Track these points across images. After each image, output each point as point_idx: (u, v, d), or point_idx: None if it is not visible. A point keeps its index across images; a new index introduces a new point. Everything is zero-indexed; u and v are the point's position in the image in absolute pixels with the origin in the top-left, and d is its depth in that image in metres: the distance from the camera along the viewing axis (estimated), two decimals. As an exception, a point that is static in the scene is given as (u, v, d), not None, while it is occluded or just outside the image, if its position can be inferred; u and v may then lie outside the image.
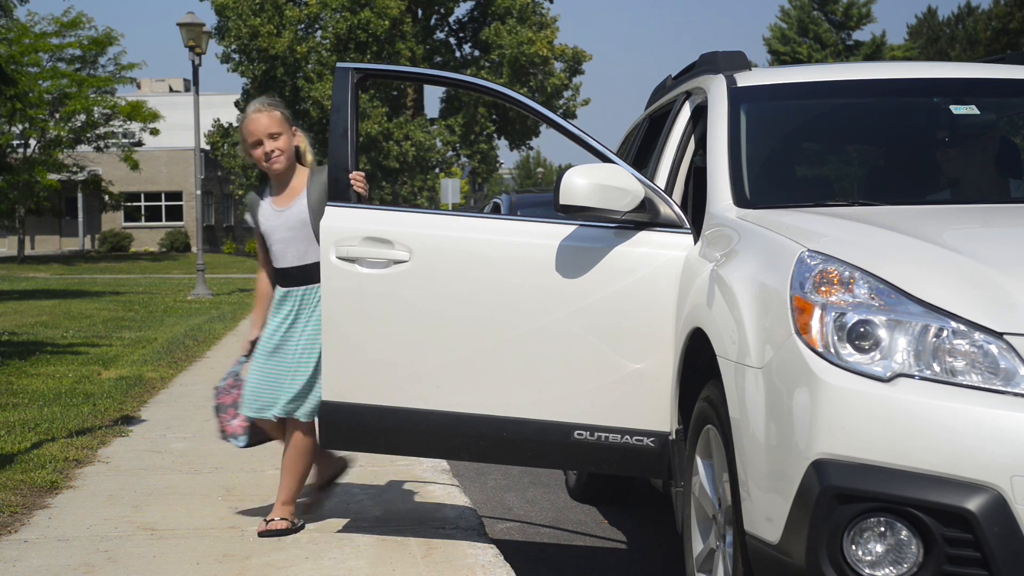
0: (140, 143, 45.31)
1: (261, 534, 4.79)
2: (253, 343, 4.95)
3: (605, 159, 4.45)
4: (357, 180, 4.60)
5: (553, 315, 4.35)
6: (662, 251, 4.32)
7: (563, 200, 4.21)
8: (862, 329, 3.12)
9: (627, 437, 4.31)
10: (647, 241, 4.34)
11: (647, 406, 4.29)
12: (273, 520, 4.83)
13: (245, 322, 16.97)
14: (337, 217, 4.53)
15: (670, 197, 4.53)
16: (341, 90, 4.61)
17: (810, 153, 5.28)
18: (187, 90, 58.95)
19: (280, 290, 4.88)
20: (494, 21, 43.82)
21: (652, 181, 4.55)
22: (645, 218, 4.33)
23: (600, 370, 4.32)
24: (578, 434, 4.32)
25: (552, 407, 4.35)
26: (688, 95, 5.08)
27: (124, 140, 44.80)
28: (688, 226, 4.36)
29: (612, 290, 4.32)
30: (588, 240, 4.38)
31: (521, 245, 4.42)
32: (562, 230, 4.40)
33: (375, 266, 4.46)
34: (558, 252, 4.36)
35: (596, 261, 4.34)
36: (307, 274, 4.79)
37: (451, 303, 4.43)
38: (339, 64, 4.67)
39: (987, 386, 3.00)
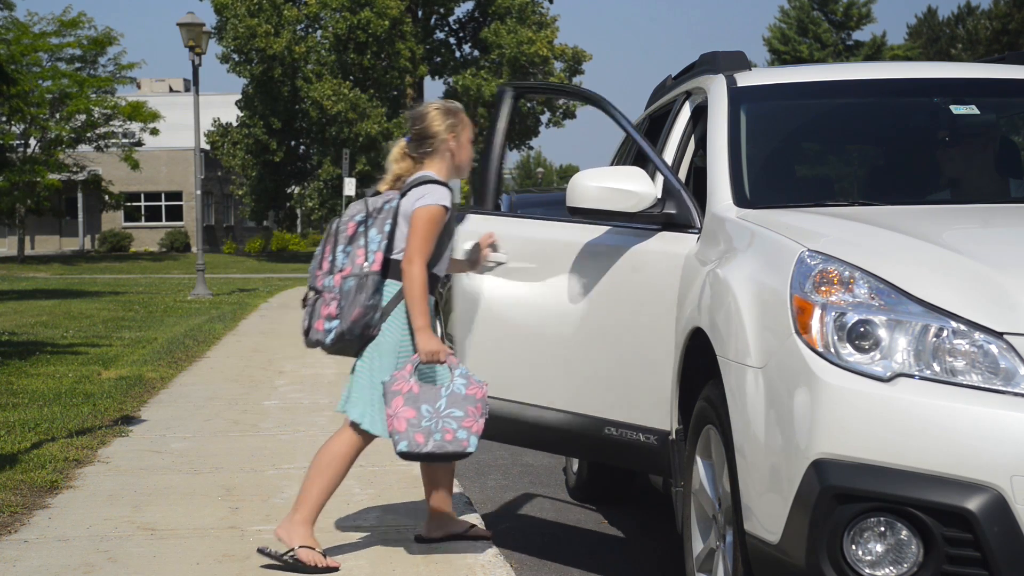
0: (140, 143, 45.32)
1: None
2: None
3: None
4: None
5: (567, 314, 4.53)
6: (672, 248, 4.33)
7: (574, 203, 4.29)
8: (862, 329, 3.13)
9: (634, 433, 4.35)
10: (659, 240, 4.37)
11: (649, 403, 4.31)
12: None
13: (245, 322, 16.91)
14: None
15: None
16: (500, 108, 4.97)
17: (810, 153, 5.28)
18: (187, 90, 58.92)
19: (430, 299, 4.45)
20: (494, 21, 43.82)
21: (652, 181, 4.56)
22: (659, 218, 4.35)
23: (609, 367, 4.39)
24: (609, 430, 4.42)
25: (576, 401, 4.51)
26: (688, 95, 5.08)
27: (124, 140, 44.81)
28: (698, 225, 4.37)
29: (623, 288, 4.38)
30: (600, 240, 4.49)
31: (538, 242, 4.61)
32: (578, 230, 4.55)
33: None
34: (582, 251, 4.53)
35: (609, 260, 4.43)
36: None
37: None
38: (500, 84, 4.91)
39: (987, 386, 3.00)
